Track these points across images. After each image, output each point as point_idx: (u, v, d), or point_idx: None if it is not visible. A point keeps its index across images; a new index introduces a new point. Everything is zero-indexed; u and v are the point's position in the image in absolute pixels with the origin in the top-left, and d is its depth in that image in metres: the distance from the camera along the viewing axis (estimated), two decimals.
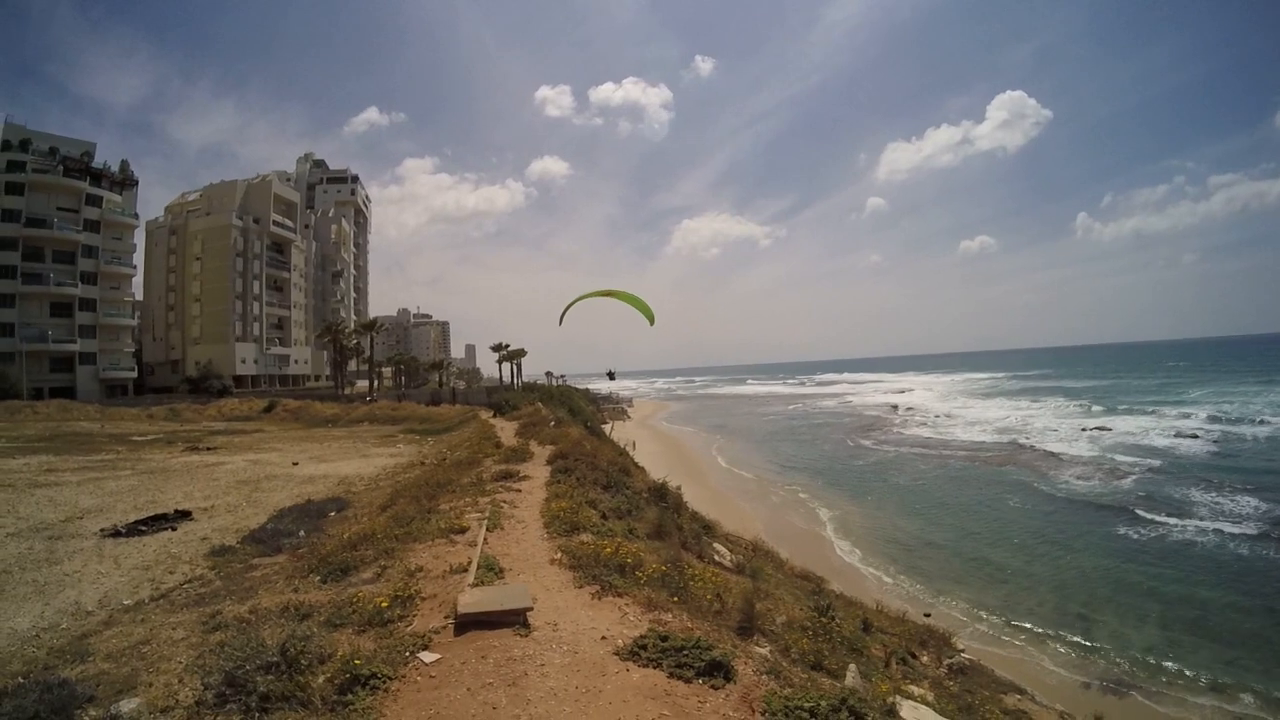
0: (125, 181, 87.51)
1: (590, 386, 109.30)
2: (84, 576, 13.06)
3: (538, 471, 20.28)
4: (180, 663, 7.93)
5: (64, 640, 9.42)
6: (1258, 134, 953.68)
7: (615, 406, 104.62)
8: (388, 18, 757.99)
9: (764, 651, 8.37)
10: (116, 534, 16.51)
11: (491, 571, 9.61)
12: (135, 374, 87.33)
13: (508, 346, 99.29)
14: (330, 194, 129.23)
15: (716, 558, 16.99)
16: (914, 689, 10.96)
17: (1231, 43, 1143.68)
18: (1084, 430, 64.25)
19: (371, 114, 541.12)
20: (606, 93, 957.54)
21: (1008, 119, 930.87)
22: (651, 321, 19.66)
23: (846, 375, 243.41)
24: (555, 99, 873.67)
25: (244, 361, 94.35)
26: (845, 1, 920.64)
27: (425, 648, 7.03)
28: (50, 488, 24.21)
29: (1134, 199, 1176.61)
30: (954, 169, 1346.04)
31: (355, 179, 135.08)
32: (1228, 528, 30.83)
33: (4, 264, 74.05)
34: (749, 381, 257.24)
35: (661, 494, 20.07)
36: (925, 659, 15.12)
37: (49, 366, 76.86)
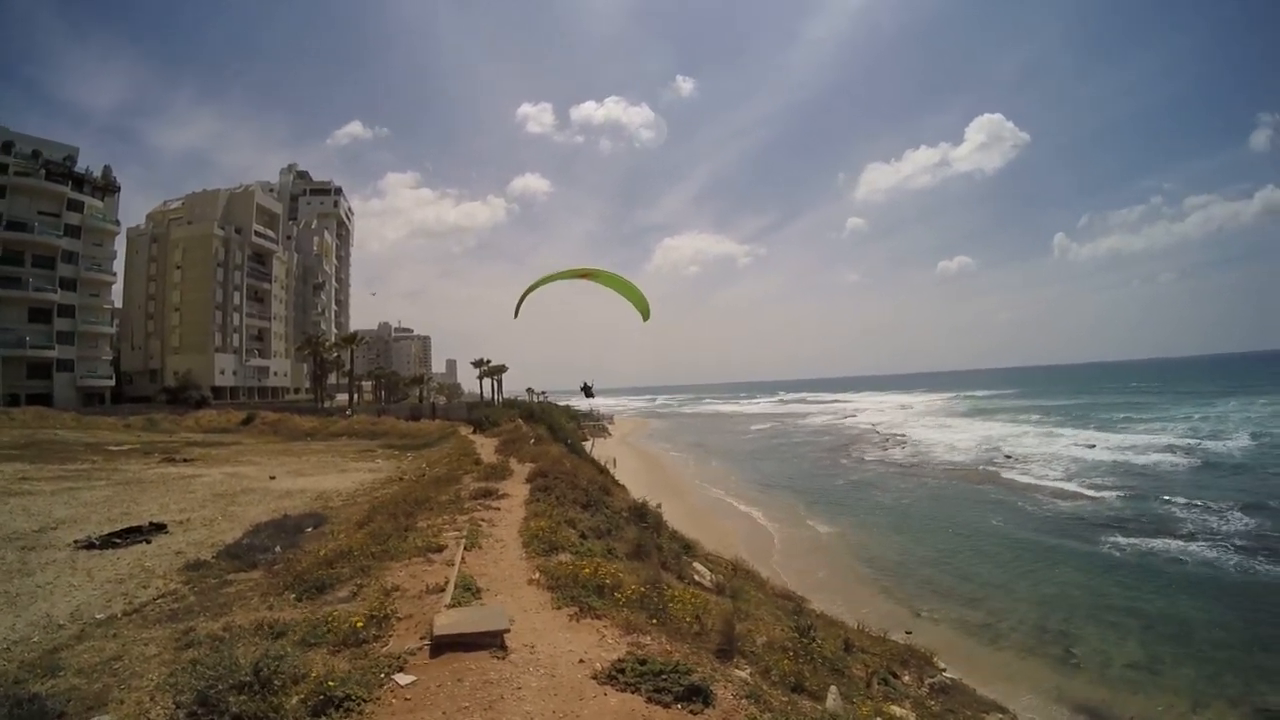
0: (107, 187, 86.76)
1: (571, 403, 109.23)
2: (56, 589, 12.93)
3: (517, 489, 20.22)
4: (152, 680, 7.89)
5: (35, 654, 9.34)
6: (1232, 154, 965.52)
7: (596, 424, 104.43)
8: (371, 31, 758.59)
9: (744, 674, 8.34)
10: (90, 546, 16.34)
11: (469, 592, 9.56)
12: (113, 382, 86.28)
13: (489, 362, 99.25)
14: (313, 206, 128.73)
15: (696, 578, 16.96)
16: (895, 709, 10.96)
17: (1205, 64, 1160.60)
18: (1064, 448, 64.65)
19: (355, 127, 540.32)
20: (588, 111, 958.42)
21: (985, 141, 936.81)
22: (646, 316, 18.05)
23: (827, 394, 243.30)
24: (537, 116, 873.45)
25: (223, 372, 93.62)
26: (825, 20, 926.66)
27: (400, 669, 6.99)
28: (24, 496, 23.96)
29: (1110, 219, 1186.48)
30: (932, 190, 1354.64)
31: (338, 191, 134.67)
32: (1207, 543, 31.12)
33: None
34: (729, 400, 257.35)
35: (641, 513, 20.01)
36: (907, 678, 15.10)
37: (26, 373, 75.74)
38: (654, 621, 8.83)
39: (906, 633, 21.12)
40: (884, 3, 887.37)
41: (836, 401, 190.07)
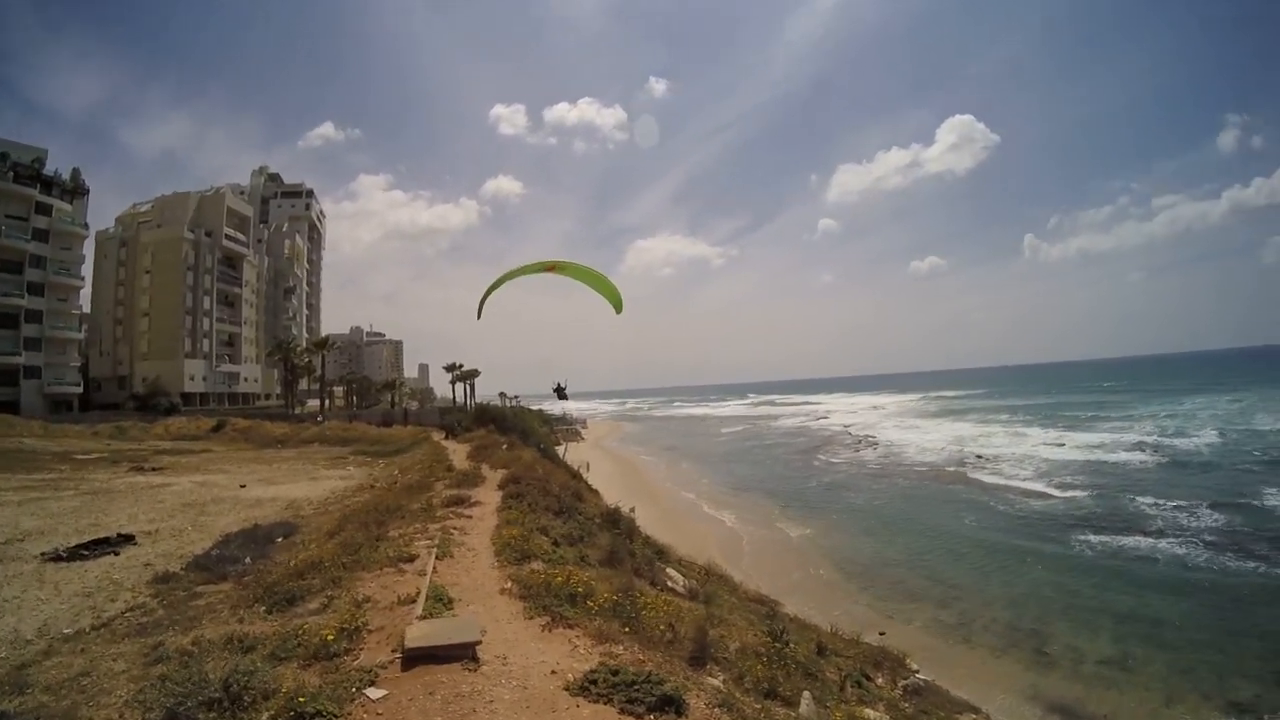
0: (76, 190, 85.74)
1: (544, 407, 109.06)
2: (23, 602, 12.74)
3: (489, 496, 20.16)
4: (121, 697, 7.77)
5: (2, 670, 9.19)
6: (1200, 155, 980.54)
7: (569, 427, 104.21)
8: (343, 32, 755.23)
9: (716, 682, 8.39)
10: (57, 558, 16.10)
11: (440, 602, 9.53)
12: (81, 389, 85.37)
13: (461, 366, 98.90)
14: (284, 208, 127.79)
15: (670, 583, 16.98)
16: (869, 712, 11.04)
17: (1173, 66, 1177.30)
18: (1033, 447, 65.38)
19: (327, 128, 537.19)
20: (561, 112, 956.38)
21: (956, 142, 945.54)
22: (619, 308, 17.72)
23: (798, 396, 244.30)
24: (509, 117, 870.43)
25: (193, 378, 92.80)
26: (797, 24, 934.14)
27: (372, 683, 6.94)
28: None
29: (1079, 219, 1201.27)
30: (904, 191, 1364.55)
31: (310, 194, 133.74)
32: (1177, 540, 31.63)
33: None
34: (700, 403, 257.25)
35: (614, 519, 20.02)
36: (880, 680, 15.20)
37: None
38: (627, 630, 8.83)
39: (880, 634, 21.21)
40: (856, 7, 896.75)
41: (808, 404, 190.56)
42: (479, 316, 18.32)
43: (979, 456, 62.46)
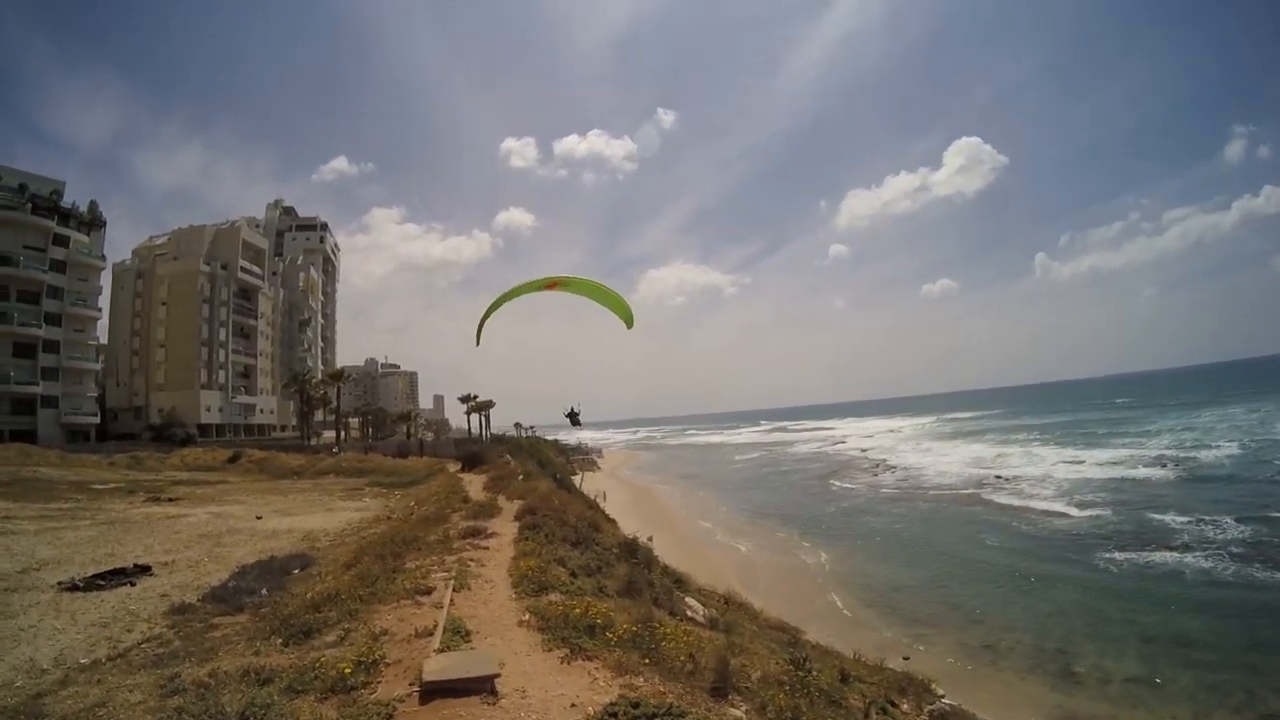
0: (94, 222, 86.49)
1: (559, 437, 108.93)
2: (40, 632, 12.70)
3: (506, 528, 20.03)
4: None
5: (18, 699, 9.14)
6: (1209, 167, 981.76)
7: (585, 457, 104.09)
8: (357, 67, 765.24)
9: (739, 713, 8.26)
10: (74, 588, 16.06)
11: (458, 635, 9.40)
12: (98, 419, 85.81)
13: (476, 398, 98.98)
14: (299, 241, 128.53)
15: (689, 613, 16.79)
16: None
17: (1179, 80, 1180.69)
18: (1051, 467, 65.06)
19: (340, 162, 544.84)
20: (571, 145, 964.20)
21: (964, 165, 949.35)
22: (629, 323, 17.47)
23: (815, 421, 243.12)
24: (520, 150, 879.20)
25: (209, 409, 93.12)
26: (806, 50, 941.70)
27: (390, 717, 6.84)
28: (7, 536, 23.60)
29: (1090, 237, 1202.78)
30: (913, 215, 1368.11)
31: (324, 227, 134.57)
32: (1202, 554, 31.38)
33: None
34: (714, 430, 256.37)
35: (632, 549, 19.85)
36: (905, 706, 14.96)
37: (9, 408, 75.26)
38: (646, 661, 8.70)
39: (904, 659, 21.03)
40: (862, 34, 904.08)
41: (823, 429, 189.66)
42: (478, 342, 18.06)
43: (998, 477, 62.08)
